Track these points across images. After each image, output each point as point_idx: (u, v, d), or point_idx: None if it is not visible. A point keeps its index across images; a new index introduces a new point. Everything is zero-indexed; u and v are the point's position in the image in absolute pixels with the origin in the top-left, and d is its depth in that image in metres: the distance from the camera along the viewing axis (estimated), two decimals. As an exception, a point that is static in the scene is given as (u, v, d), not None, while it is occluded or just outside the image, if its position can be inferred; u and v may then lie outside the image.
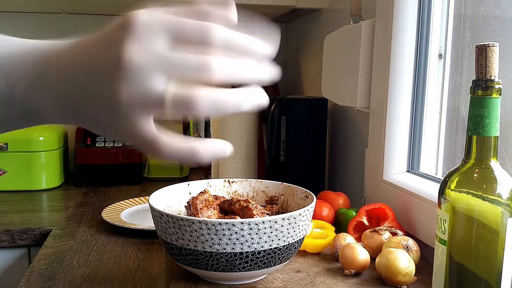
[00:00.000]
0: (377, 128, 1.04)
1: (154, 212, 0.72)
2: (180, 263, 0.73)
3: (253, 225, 0.66)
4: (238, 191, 0.91)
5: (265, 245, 0.68)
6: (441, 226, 0.58)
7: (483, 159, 0.56)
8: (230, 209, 0.80)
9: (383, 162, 1.02)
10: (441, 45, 0.96)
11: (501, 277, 0.55)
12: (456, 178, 0.58)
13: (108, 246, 1.00)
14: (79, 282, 0.84)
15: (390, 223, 0.90)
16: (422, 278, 0.76)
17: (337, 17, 1.38)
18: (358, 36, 1.06)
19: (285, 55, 1.95)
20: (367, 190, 1.10)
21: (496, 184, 0.55)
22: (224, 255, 0.68)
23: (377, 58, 1.03)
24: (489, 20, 0.86)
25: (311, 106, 1.27)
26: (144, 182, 1.61)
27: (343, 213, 0.99)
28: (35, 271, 0.88)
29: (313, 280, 0.76)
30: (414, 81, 0.98)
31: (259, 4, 1.44)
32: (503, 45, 0.57)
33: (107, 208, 1.20)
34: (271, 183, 0.91)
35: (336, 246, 0.84)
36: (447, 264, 0.58)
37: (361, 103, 1.07)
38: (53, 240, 1.04)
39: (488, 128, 0.55)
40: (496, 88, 0.54)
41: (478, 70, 0.55)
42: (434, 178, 0.94)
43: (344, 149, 1.30)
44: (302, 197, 0.85)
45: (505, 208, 0.55)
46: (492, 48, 0.54)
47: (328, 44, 1.23)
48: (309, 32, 1.65)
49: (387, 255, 0.74)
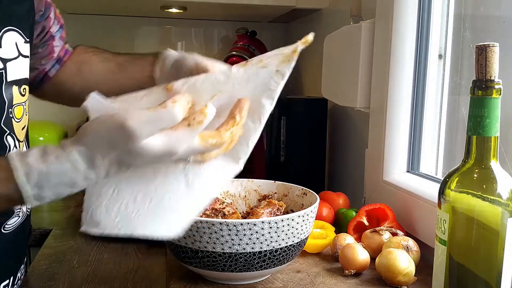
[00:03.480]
0: (377, 128, 1.04)
1: None
2: (193, 266, 0.72)
3: (273, 223, 0.68)
4: (230, 191, 0.90)
5: (282, 243, 0.70)
6: (441, 226, 0.58)
7: (483, 159, 0.56)
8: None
9: (383, 162, 1.02)
10: (441, 45, 0.96)
11: (501, 277, 0.55)
12: (456, 178, 0.58)
13: (108, 246, 1.00)
14: (79, 282, 0.84)
15: (390, 223, 0.90)
16: (422, 278, 0.76)
17: (337, 17, 1.38)
18: (358, 36, 1.06)
19: (285, 55, 1.95)
20: (367, 190, 1.10)
21: (496, 184, 0.55)
22: (244, 255, 0.68)
23: (377, 58, 1.03)
24: (489, 20, 0.86)
25: (311, 106, 1.27)
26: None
27: (343, 213, 0.99)
28: (35, 271, 0.88)
29: (313, 280, 0.76)
30: (414, 81, 0.98)
31: (259, 4, 1.44)
32: (503, 45, 0.57)
33: None
34: (262, 182, 0.90)
35: (336, 246, 0.84)
36: (447, 264, 0.58)
37: (361, 103, 1.07)
38: (53, 240, 1.04)
39: (488, 128, 0.55)
40: (496, 88, 0.54)
41: (478, 70, 0.55)
42: (434, 178, 0.94)
43: (344, 149, 1.30)
44: (299, 194, 0.85)
45: (505, 208, 0.55)
46: (492, 48, 0.54)
47: (328, 44, 1.23)
48: (309, 32, 1.65)
49: (387, 255, 0.74)
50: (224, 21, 1.92)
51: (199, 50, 1.94)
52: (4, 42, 0.69)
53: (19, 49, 0.72)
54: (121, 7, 1.70)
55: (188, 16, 1.81)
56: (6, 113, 0.71)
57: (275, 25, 1.92)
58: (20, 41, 0.73)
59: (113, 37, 1.86)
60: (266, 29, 1.90)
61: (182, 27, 1.91)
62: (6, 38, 0.69)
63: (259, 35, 1.73)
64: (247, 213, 0.87)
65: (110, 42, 1.87)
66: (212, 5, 1.48)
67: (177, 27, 1.91)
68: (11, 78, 0.71)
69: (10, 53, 0.71)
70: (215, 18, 1.90)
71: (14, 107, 0.73)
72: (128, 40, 1.88)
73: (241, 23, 1.80)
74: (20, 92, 0.74)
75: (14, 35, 0.72)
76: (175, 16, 1.81)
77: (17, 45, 0.72)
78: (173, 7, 1.59)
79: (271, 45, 1.83)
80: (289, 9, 1.50)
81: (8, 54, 0.70)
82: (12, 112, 0.72)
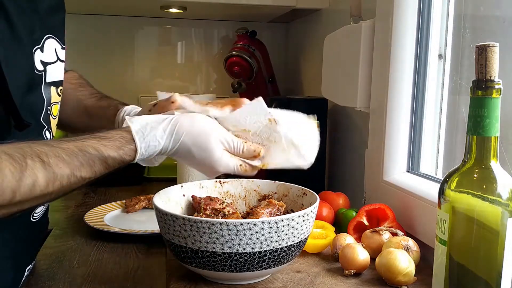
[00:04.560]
0: (377, 128, 1.04)
1: (166, 216, 0.71)
2: (193, 266, 0.72)
3: (273, 223, 0.68)
4: (230, 191, 0.90)
5: (282, 243, 0.70)
6: (441, 226, 0.58)
7: (483, 159, 0.56)
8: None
9: (383, 162, 1.02)
10: (441, 45, 0.96)
11: (501, 277, 0.55)
12: (456, 178, 0.58)
13: (108, 246, 1.00)
14: (79, 282, 0.84)
15: (390, 223, 0.90)
16: (422, 278, 0.76)
17: (337, 17, 1.38)
18: (358, 36, 1.06)
19: (285, 55, 1.95)
20: (367, 190, 1.10)
21: (496, 184, 0.55)
22: (244, 255, 0.68)
23: (377, 58, 1.03)
24: (489, 20, 0.86)
25: (311, 106, 1.27)
26: (144, 182, 1.60)
27: (343, 213, 0.99)
28: (35, 271, 0.88)
29: (313, 280, 0.76)
30: (414, 81, 0.98)
31: (259, 4, 1.44)
32: (503, 45, 0.57)
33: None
34: (262, 182, 0.90)
35: (336, 246, 0.84)
36: (447, 264, 0.58)
37: (361, 103, 1.07)
38: (53, 240, 1.04)
39: (488, 128, 0.55)
40: (496, 88, 0.54)
41: (478, 70, 0.55)
42: (434, 178, 0.94)
43: (344, 149, 1.30)
44: (299, 194, 0.85)
45: (505, 208, 0.55)
46: (492, 48, 0.54)
47: (328, 44, 1.23)
48: (309, 32, 1.65)
49: (387, 255, 0.74)
50: (224, 21, 1.92)
51: (199, 50, 1.95)
52: (46, 48, 0.78)
53: (57, 54, 0.82)
54: (121, 7, 1.70)
55: (188, 16, 1.81)
56: (45, 111, 0.78)
57: (275, 25, 1.92)
58: (58, 47, 0.82)
59: (113, 37, 1.87)
60: (266, 29, 1.90)
61: (182, 27, 1.91)
62: (47, 45, 0.79)
63: (259, 35, 1.73)
64: (247, 213, 0.87)
65: (110, 42, 1.87)
66: (212, 5, 1.48)
67: (177, 27, 1.91)
68: (50, 80, 0.79)
69: (50, 57, 0.80)
70: (215, 18, 1.90)
71: (52, 106, 0.81)
72: (128, 40, 1.88)
73: (241, 23, 1.80)
74: (57, 93, 0.83)
75: (53, 42, 0.81)
76: (175, 16, 1.81)
77: (56, 50, 0.82)
78: (173, 7, 1.59)
79: (271, 45, 1.83)
80: (289, 9, 1.50)
81: (49, 58, 0.79)
82: (50, 110, 0.81)
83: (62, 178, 0.62)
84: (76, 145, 0.64)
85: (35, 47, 0.76)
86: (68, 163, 0.62)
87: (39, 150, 0.60)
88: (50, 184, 0.61)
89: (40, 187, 0.60)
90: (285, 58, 1.95)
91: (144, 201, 1.22)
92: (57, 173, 0.61)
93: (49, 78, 0.79)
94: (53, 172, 0.60)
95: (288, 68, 1.91)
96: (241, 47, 1.69)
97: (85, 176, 0.64)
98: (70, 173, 0.62)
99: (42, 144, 0.62)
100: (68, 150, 0.63)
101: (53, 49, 0.80)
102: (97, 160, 0.65)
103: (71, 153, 0.63)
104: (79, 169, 0.63)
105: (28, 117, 0.71)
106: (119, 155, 0.67)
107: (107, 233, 1.04)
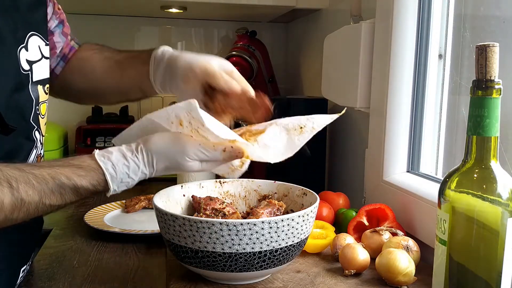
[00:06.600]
0: (377, 128, 1.04)
1: (166, 216, 0.71)
2: (193, 266, 0.72)
3: (273, 223, 0.68)
4: (230, 191, 0.90)
5: (282, 243, 0.70)
6: (441, 226, 0.58)
7: (483, 159, 0.56)
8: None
9: (383, 162, 1.02)
10: (441, 45, 0.96)
11: (501, 277, 0.55)
12: (456, 179, 0.58)
13: (108, 246, 1.00)
14: (79, 282, 0.84)
15: (390, 223, 0.90)
16: (422, 278, 0.76)
17: (337, 17, 1.38)
18: (358, 36, 1.06)
19: (285, 55, 1.95)
20: (367, 190, 1.10)
21: (496, 184, 0.55)
22: (244, 255, 0.68)
23: (377, 58, 1.03)
24: (489, 20, 0.86)
25: (311, 106, 1.27)
26: (144, 182, 1.60)
27: (343, 213, 0.99)
28: (35, 271, 0.88)
29: (313, 280, 0.76)
30: (414, 81, 0.98)
31: (259, 4, 1.44)
32: (503, 45, 0.57)
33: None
34: (262, 182, 0.90)
35: (336, 246, 0.84)
36: (447, 264, 0.58)
37: (361, 103, 1.07)
38: (53, 240, 1.04)
39: (488, 128, 0.55)
40: (496, 88, 0.54)
41: (478, 70, 0.55)
42: (434, 178, 0.94)
43: (344, 149, 1.30)
44: (299, 194, 0.85)
45: (505, 208, 0.55)
46: (492, 48, 0.54)
47: (328, 44, 1.23)
48: (309, 32, 1.65)
49: (387, 255, 0.74)
50: (224, 21, 1.92)
51: (199, 50, 1.94)
52: (30, 46, 0.76)
53: (41, 52, 0.80)
54: (121, 7, 1.70)
55: (188, 16, 1.81)
56: (34, 110, 0.77)
57: (275, 25, 1.92)
58: (41, 44, 0.80)
59: (113, 37, 1.86)
60: (266, 29, 1.90)
61: (182, 27, 1.91)
62: (31, 43, 0.77)
63: (259, 35, 1.73)
64: (247, 213, 0.87)
65: (110, 42, 1.85)
66: (212, 5, 1.48)
67: (177, 27, 1.91)
68: (36, 78, 0.78)
69: (35, 55, 0.78)
70: (215, 18, 1.90)
71: (40, 105, 0.80)
72: (128, 40, 1.88)
73: (241, 23, 1.80)
74: (44, 91, 0.81)
75: (37, 39, 0.79)
76: (175, 16, 1.81)
77: (40, 48, 0.79)
78: (173, 7, 1.59)
79: (271, 45, 1.83)
80: (289, 9, 1.50)
81: (34, 56, 0.77)
82: (39, 109, 0.79)
83: (30, 205, 0.61)
84: (49, 173, 0.63)
85: (20, 46, 0.74)
86: (38, 190, 0.61)
87: (9, 175, 0.60)
88: (16, 211, 0.60)
89: (5, 212, 0.59)
90: (285, 58, 1.95)
91: (144, 201, 1.22)
92: (25, 200, 0.60)
93: (35, 77, 0.78)
94: (21, 198, 0.60)
95: (288, 68, 1.91)
96: (241, 47, 1.69)
97: (54, 203, 0.64)
98: (38, 201, 0.62)
99: (13, 169, 0.61)
100: (40, 177, 0.62)
101: (37, 47, 0.78)
102: (69, 189, 0.64)
103: (42, 180, 0.62)
104: (49, 197, 0.63)
105: (18, 119, 0.70)
106: (92, 185, 0.66)
107: (107, 233, 1.04)
